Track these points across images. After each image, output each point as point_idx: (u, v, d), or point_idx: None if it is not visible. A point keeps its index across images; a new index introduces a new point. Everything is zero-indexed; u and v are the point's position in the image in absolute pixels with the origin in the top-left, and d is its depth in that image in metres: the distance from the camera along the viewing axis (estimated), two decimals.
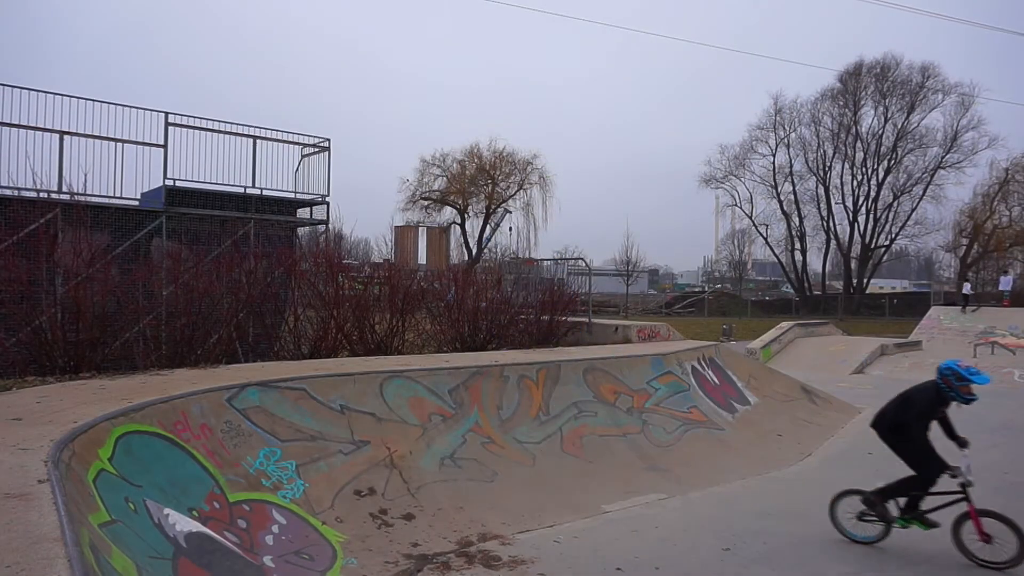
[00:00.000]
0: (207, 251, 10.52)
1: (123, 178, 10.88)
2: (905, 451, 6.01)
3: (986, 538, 5.60)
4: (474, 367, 8.31)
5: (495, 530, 6.12)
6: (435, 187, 48.39)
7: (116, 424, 4.85)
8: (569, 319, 13.62)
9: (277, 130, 13.07)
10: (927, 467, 5.86)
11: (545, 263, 19.30)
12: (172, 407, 5.52)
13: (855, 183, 52.40)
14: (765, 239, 57.50)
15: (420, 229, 35.27)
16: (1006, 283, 31.13)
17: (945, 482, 5.85)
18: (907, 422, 5.90)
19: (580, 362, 9.55)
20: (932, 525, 5.90)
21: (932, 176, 49.27)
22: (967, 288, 31.98)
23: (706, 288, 70.79)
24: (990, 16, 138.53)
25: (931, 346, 23.10)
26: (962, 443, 5.90)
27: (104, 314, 8.20)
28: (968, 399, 5.82)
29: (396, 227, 36.66)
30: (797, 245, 55.46)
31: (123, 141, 10.85)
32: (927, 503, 5.97)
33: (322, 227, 13.93)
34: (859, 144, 51.78)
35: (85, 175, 10.30)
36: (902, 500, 6.05)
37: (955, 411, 6.11)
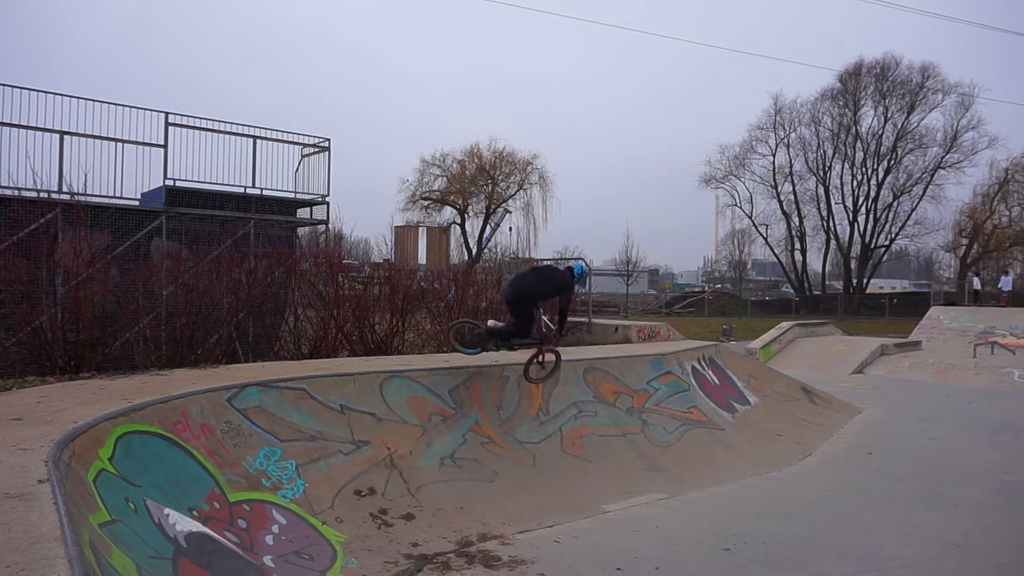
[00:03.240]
0: (207, 251, 10.52)
1: (123, 178, 10.90)
2: (520, 312, 7.93)
3: (545, 368, 8.02)
4: (474, 367, 8.30)
5: (495, 530, 6.12)
6: (435, 187, 48.41)
7: (116, 424, 4.85)
8: (569, 319, 13.60)
9: (277, 130, 13.09)
10: (529, 324, 7.99)
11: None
12: (172, 407, 5.52)
13: (855, 183, 52.46)
14: (765, 239, 57.56)
15: (420, 229, 35.34)
16: (1006, 283, 31.13)
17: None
18: (542, 295, 7.93)
19: (580, 362, 9.55)
20: (514, 348, 8.22)
21: (932, 176, 49.33)
22: (977, 283, 31.97)
23: (706, 288, 70.80)
24: (990, 16, 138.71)
25: (931, 346, 23.10)
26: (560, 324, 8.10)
27: (104, 314, 8.20)
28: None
29: (396, 227, 36.77)
30: (797, 245, 55.50)
31: (123, 141, 10.86)
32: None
33: (322, 227, 13.95)
34: (859, 144, 51.82)
35: (85, 175, 10.32)
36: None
37: (955, 410, 6.11)
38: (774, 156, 54.60)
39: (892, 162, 50.67)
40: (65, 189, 10.15)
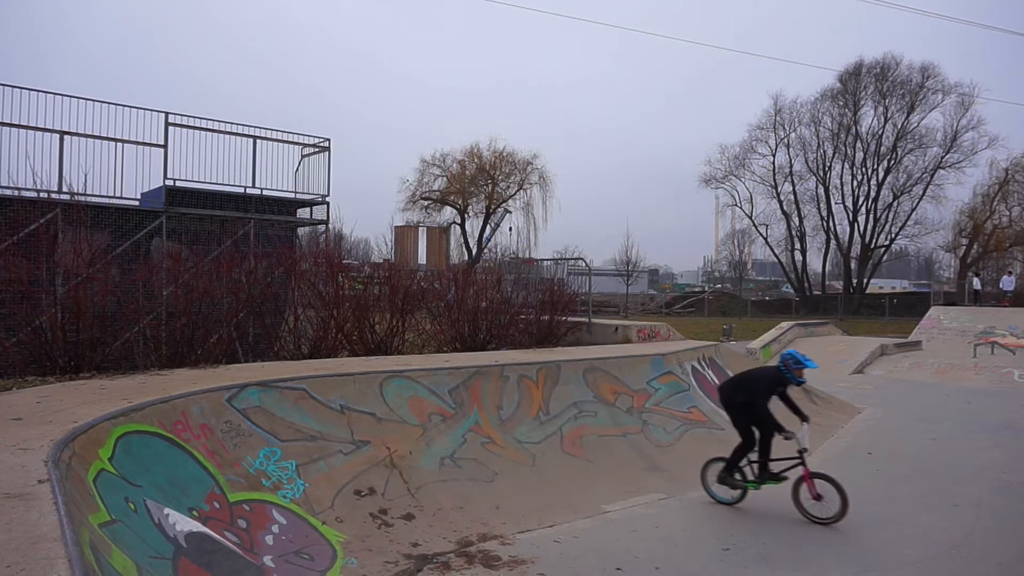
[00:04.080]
0: (207, 251, 10.52)
1: (123, 178, 10.89)
2: (736, 420, 7.20)
3: (818, 497, 6.67)
4: (474, 367, 8.30)
5: (495, 530, 6.12)
6: (435, 187, 48.38)
7: (116, 424, 4.85)
8: (569, 319, 13.61)
9: (277, 130, 13.09)
10: (761, 433, 7.04)
11: (545, 263, 19.26)
12: (172, 407, 5.52)
13: (855, 183, 52.40)
14: (765, 239, 57.49)
15: (420, 229, 35.27)
16: (1008, 283, 31.10)
17: (787, 449, 6.88)
18: (755, 395, 6.98)
19: (580, 362, 9.55)
20: (782, 479, 6.99)
21: (932, 176, 49.25)
22: (977, 283, 31.93)
23: (706, 288, 70.78)
24: (990, 16, 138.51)
25: (931, 346, 23.11)
26: (804, 418, 7.03)
27: (104, 314, 8.19)
28: (800, 381, 7.03)
29: (396, 227, 36.69)
30: (797, 245, 55.44)
31: (123, 141, 10.86)
32: (776, 468, 7.04)
33: (322, 227, 13.94)
34: (859, 144, 51.76)
35: (85, 175, 10.31)
36: (755, 467, 7.11)
37: (955, 410, 6.14)
38: (774, 156, 54.58)
39: (892, 162, 50.63)
40: (65, 189, 10.15)
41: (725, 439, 9.68)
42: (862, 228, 52.38)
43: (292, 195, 13.28)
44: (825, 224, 53.82)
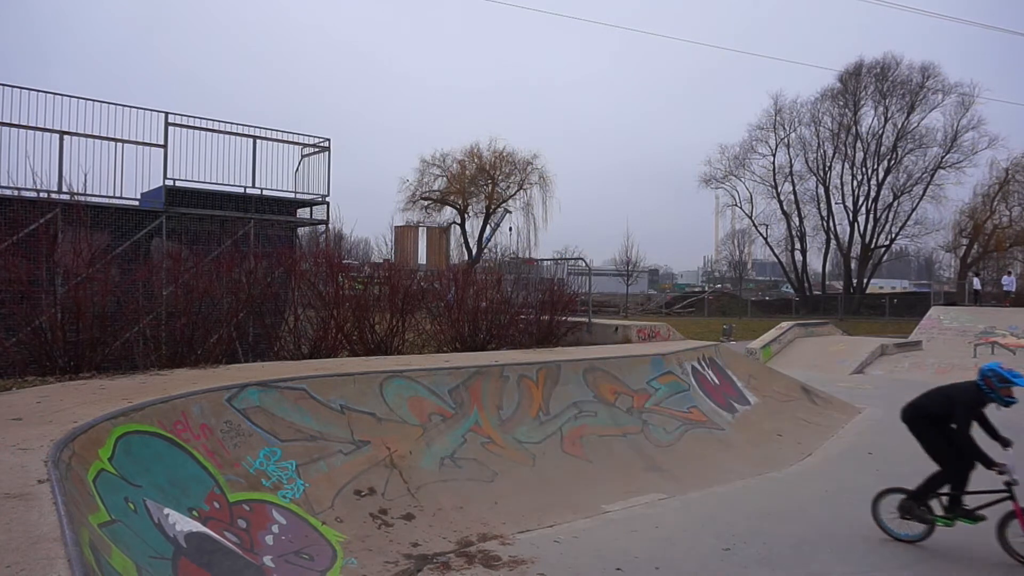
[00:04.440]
0: (207, 251, 10.52)
1: (123, 178, 10.89)
2: (932, 445, 6.05)
3: None
4: (474, 367, 8.30)
5: (495, 530, 6.12)
6: (435, 187, 48.39)
7: (116, 424, 4.85)
8: (569, 319, 13.61)
9: (277, 130, 13.08)
10: (956, 463, 5.91)
11: (545, 263, 19.27)
12: (172, 407, 5.52)
13: (855, 183, 52.40)
14: (765, 239, 57.49)
15: (420, 229, 35.25)
16: (1009, 283, 31.08)
17: (990, 481, 5.79)
18: (951, 417, 5.91)
19: (580, 362, 9.55)
20: (979, 519, 5.87)
21: (932, 176, 49.26)
22: (977, 283, 31.90)
23: (706, 288, 70.78)
24: (990, 16, 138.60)
25: (931, 346, 23.09)
26: (1005, 443, 5.85)
27: (104, 314, 8.19)
28: (1008, 401, 5.85)
29: (396, 227, 36.67)
30: (797, 245, 55.44)
31: (123, 141, 10.86)
32: (970, 502, 5.96)
33: (322, 227, 13.94)
34: (859, 144, 51.77)
35: (85, 175, 10.31)
36: (945, 499, 6.04)
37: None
38: (774, 156, 54.58)
39: (892, 162, 50.63)
40: (65, 189, 10.15)
41: (726, 439, 9.70)
42: (862, 228, 52.40)
43: (292, 195, 13.27)
44: (825, 224, 53.84)
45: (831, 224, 53.65)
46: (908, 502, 6.12)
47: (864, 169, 51.93)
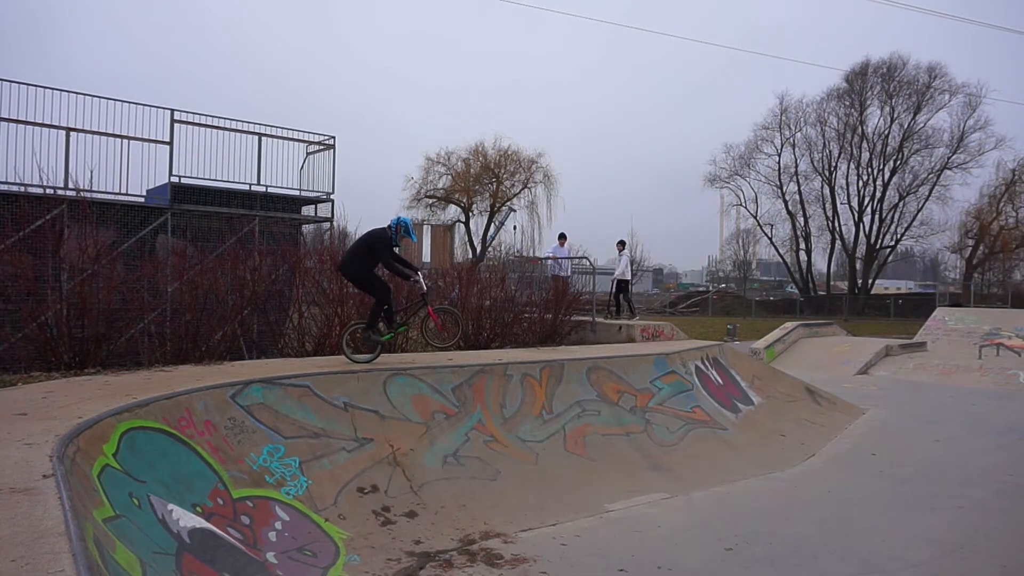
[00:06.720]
0: (212, 248, 10.56)
1: (129, 175, 10.97)
2: (371, 286, 8.09)
3: (442, 327, 8.29)
4: (477, 365, 8.31)
5: (497, 528, 6.13)
6: (440, 185, 48.46)
7: (121, 420, 4.87)
8: (573, 318, 13.61)
9: (282, 127, 13.12)
10: (381, 291, 8.05)
11: (549, 262, 19.23)
12: (176, 403, 5.54)
13: (860, 183, 52.31)
14: (770, 239, 57.44)
15: (424, 227, 35.26)
16: None
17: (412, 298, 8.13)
18: (375, 254, 7.88)
19: (584, 361, 9.54)
20: (404, 326, 8.45)
21: (938, 177, 49.14)
22: None
23: (710, 288, 70.68)
24: (998, 16, 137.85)
25: (936, 347, 22.99)
26: (415, 269, 8.28)
27: (109, 310, 8.23)
28: (397, 244, 8.04)
29: None
30: (802, 245, 55.39)
31: (129, 138, 10.91)
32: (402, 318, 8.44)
33: (327, 224, 13.97)
34: (865, 144, 51.64)
35: (91, 171, 10.37)
36: (383, 320, 8.09)
37: (960, 411, 6.10)
38: (779, 156, 54.52)
39: (898, 162, 50.50)
40: (71, 185, 10.20)
41: (729, 439, 9.69)
42: (867, 228, 52.30)
43: (297, 192, 13.32)
44: (830, 224, 53.77)
45: (836, 224, 53.61)
46: (365, 331, 8.02)
47: (870, 169, 51.83)
